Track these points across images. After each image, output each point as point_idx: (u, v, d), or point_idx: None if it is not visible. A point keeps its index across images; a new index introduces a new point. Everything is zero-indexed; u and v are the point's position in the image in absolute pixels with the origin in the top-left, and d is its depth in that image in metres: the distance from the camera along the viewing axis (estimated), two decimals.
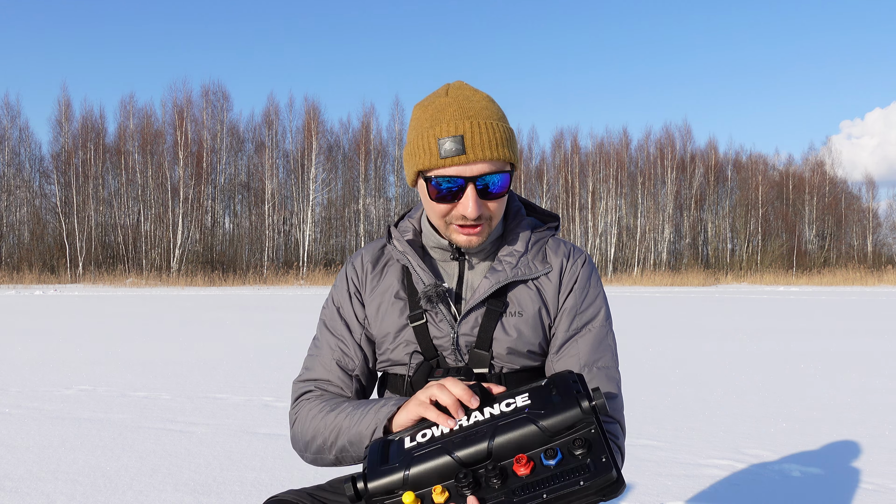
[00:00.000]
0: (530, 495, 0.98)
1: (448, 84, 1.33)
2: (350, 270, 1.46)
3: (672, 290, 30.77)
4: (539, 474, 0.99)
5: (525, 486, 0.99)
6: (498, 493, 0.99)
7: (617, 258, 43.49)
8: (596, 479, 0.97)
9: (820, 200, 47.37)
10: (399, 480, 1.03)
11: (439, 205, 1.27)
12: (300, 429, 1.35)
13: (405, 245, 1.39)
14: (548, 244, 1.41)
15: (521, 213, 1.44)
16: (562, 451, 1.01)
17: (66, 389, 5.55)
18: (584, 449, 0.99)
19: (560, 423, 1.01)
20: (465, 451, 1.02)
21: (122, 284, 31.20)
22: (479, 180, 1.24)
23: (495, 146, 1.23)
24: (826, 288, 34.02)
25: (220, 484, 3.17)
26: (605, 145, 44.78)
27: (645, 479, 3.28)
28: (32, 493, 3.03)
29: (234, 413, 4.68)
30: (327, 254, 40.64)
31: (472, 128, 1.23)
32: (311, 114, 40.06)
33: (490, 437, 1.02)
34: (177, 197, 37.07)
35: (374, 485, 1.03)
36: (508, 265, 1.34)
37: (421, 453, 1.04)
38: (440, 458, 1.02)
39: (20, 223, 36.83)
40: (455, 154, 1.22)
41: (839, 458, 3.72)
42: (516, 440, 1.01)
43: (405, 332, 1.35)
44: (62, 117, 37.37)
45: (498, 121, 1.27)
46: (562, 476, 0.98)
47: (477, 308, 1.33)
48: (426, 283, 1.33)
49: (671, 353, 7.92)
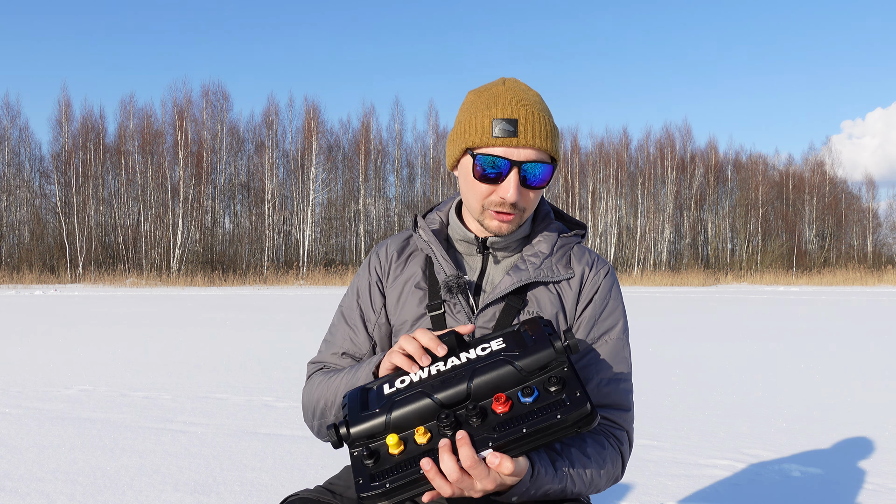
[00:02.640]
0: (510, 430, 1.02)
1: (503, 77, 1.36)
2: (374, 259, 1.48)
3: (672, 290, 30.77)
4: (517, 411, 1.04)
5: (504, 423, 1.03)
6: (478, 430, 1.04)
7: (617, 258, 43.48)
8: (572, 412, 1.02)
9: (820, 200, 47.38)
10: (381, 424, 1.06)
11: (481, 184, 1.29)
12: (306, 399, 1.39)
13: (430, 235, 1.41)
14: (573, 250, 1.42)
15: (550, 216, 1.45)
16: (538, 389, 1.05)
17: (66, 389, 5.55)
18: (558, 386, 1.04)
19: (535, 363, 1.06)
20: (444, 394, 1.06)
21: (122, 284, 31.20)
22: (524, 166, 1.26)
23: (545, 137, 1.27)
24: (826, 288, 34.02)
25: (220, 484, 3.17)
26: (605, 145, 44.84)
27: (645, 479, 3.28)
28: (32, 493, 3.03)
29: (234, 413, 4.68)
30: (327, 254, 40.64)
31: (526, 114, 1.26)
32: (311, 114, 40.08)
33: (469, 378, 1.06)
34: (177, 197, 37.07)
35: (357, 429, 1.07)
36: (532, 265, 1.35)
37: (402, 398, 1.07)
38: (421, 401, 1.06)
39: (20, 223, 36.83)
40: (507, 135, 1.25)
41: (839, 458, 3.72)
42: (494, 380, 1.06)
43: (422, 322, 1.37)
44: (62, 117, 37.38)
45: (549, 116, 1.31)
46: (539, 412, 1.03)
47: (496, 303, 1.34)
48: (448, 273, 1.35)
49: (671, 353, 7.92)
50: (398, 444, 1.04)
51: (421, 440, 1.04)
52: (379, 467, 1.05)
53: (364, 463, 1.05)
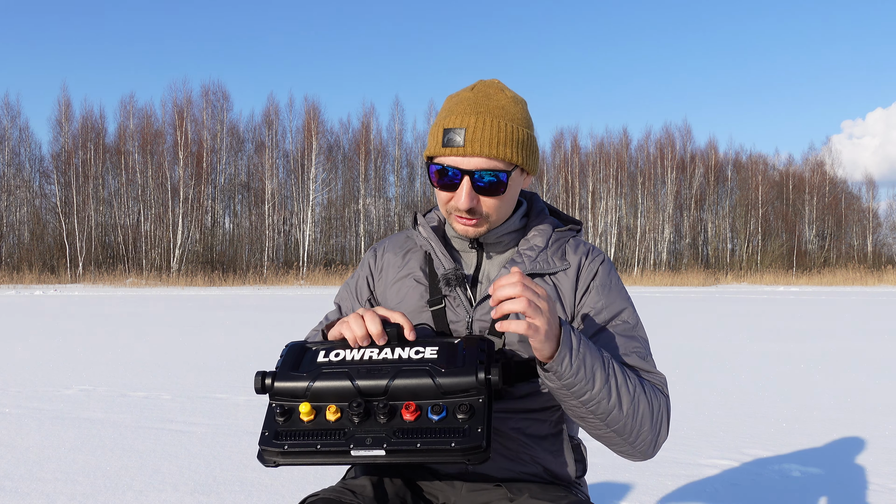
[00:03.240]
0: (407, 440, 1.07)
1: (481, 80, 1.37)
2: (370, 255, 1.52)
3: (672, 290, 30.78)
4: (421, 424, 1.08)
5: (406, 431, 1.07)
6: (381, 428, 1.08)
7: (617, 258, 43.48)
8: (466, 444, 1.05)
9: (820, 200, 47.38)
10: (302, 388, 1.12)
11: (441, 192, 1.33)
12: None
13: (429, 231, 1.44)
14: (568, 243, 1.43)
15: (545, 212, 1.47)
16: (447, 410, 1.09)
17: (66, 389, 5.55)
18: (466, 415, 1.07)
19: (453, 386, 1.09)
20: (365, 382, 1.11)
21: (122, 284, 31.20)
22: (475, 174, 1.28)
23: (494, 144, 1.26)
24: (826, 288, 34.03)
25: (220, 484, 3.17)
26: (605, 145, 44.84)
27: (645, 479, 3.28)
28: (32, 493, 3.03)
29: (234, 413, 4.68)
30: (327, 254, 40.64)
31: (476, 123, 1.27)
32: (311, 114, 40.09)
33: (391, 377, 1.11)
34: (177, 197, 37.08)
35: (280, 385, 1.13)
36: (528, 258, 1.37)
37: (328, 371, 1.13)
38: (342, 381, 1.11)
39: (20, 223, 36.83)
40: (454, 145, 1.27)
41: (839, 458, 3.72)
42: (411, 387, 1.10)
43: (423, 316, 1.39)
44: (62, 117, 37.39)
45: (509, 121, 1.29)
46: (439, 432, 1.07)
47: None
48: (447, 267, 1.37)
49: (671, 353, 7.92)
50: (310, 412, 1.10)
51: (330, 417, 1.09)
52: (287, 427, 1.11)
53: (275, 418, 1.12)
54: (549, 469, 1.33)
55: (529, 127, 1.33)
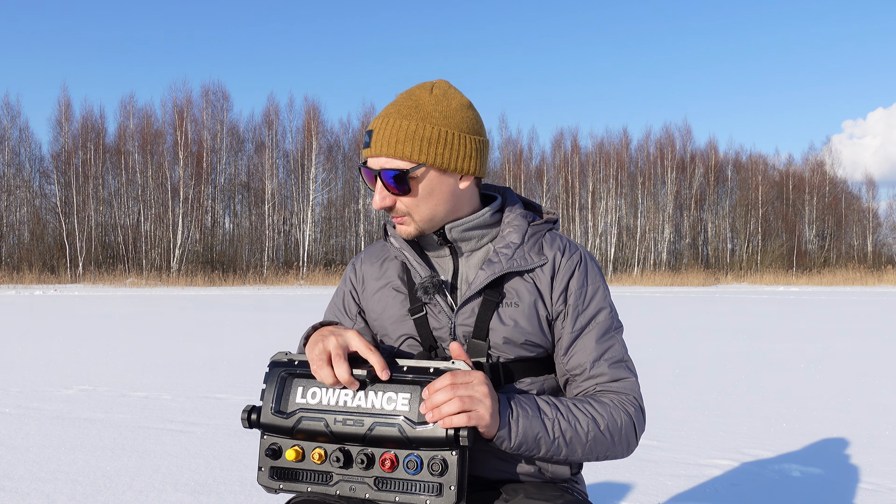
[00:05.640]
0: (385, 491, 1.14)
1: (431, 82, 1.36)
2: (350, 270, 1.52)
3: (672, 290, 30.77)
4: (398, 476, 1.14)
5: (385, 480, 1.15)
6: (362, 475, 1.16)
7: (617, 258, 43.48)
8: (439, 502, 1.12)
9: (820, 200, 47.37)
10: (287, 429, 1.18)
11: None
12: None
13: (401, 241, 1.42)
14: (544, 237, 1.42)
15: (519, 206, 1.45)
16: (422, 464, 1.14)
17: (66, 389, 5.55)
18: (437, 472, 1.12)
19: (424, 440, 1.14)
20: (343, 430, 1.16)
21: (122, 284, 31.20)
22: (382, 174, 1.31)
23: (394, 143, 1.28)
24: (826, 288, 34.03)
25: (220, 484, 3.17)
26: (605, 145, 44.81)
27: (645, 479, 3.28)
28: (32, 493, 3.04)
29: (234, 413, 4.68)
30: (327, 254, 40.64)
31: (382, 124, 1.30)
32: (311, 114, 40.09)
33: (368, 427, 1.15)
34: (177, 197, 37.06)
35: (266, 422, 1.20)
36: (504, 256, 1.36)
37: (308, 416, 1.18)
38: (320, 428, 1.17)
39: (20, 223, 36.82)
40: (366, 146, 1.33)
41: (839, 458, 3.72)
42: (385, 438, 1.15)
43: (406, 324, 1.38)
44: (62, 117, 37.38)
45: (420, 120, 1.28)
46: (414, 486, 1.13)
47: (474, 298, 1.35)
48: (423, 275, 1.36)
49: (671, 353, 7.92)
50: (296, 456, 1.18)
51: (316, 460, 1.17)
52: (278, 465, 1.20)
53: (266, 456, 1.20)
54: (544, 468, 1.33)
55: (454, 126, 1.30)
